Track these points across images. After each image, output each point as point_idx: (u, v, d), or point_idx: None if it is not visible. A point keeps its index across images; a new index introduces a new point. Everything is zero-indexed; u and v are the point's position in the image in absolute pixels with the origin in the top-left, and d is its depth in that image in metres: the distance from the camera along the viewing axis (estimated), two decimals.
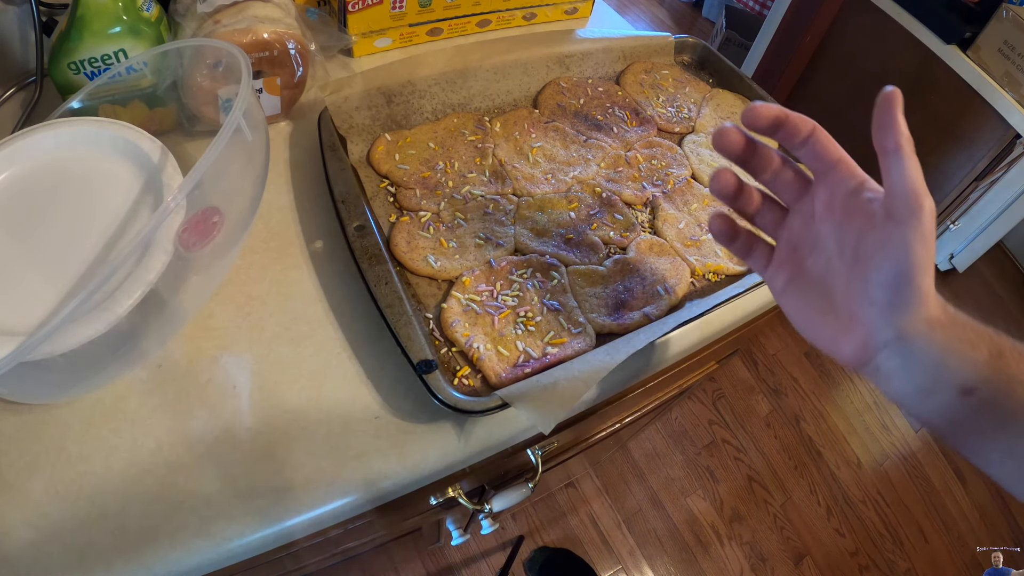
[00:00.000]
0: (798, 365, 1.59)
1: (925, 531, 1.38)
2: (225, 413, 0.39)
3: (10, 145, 0.39)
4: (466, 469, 0.42)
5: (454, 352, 0.43)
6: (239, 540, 0.35)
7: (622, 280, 0.48)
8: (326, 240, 0.48)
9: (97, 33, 0.44)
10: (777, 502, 1.37)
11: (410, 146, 0.53)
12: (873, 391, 1.58)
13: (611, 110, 0.61)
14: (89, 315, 0.32)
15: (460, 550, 1.19)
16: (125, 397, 0.39)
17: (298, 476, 0.37)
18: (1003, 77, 1.11)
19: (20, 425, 0.37)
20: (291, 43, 0.49)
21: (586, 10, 0.73)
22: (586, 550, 1.25)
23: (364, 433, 0.40)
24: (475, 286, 0.45)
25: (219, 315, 0.43)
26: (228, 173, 0.37)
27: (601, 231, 0.51)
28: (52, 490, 0.35)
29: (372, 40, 0.62)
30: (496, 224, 0.50)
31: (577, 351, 0.43)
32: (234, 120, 0.33)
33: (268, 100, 0.52)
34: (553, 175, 0.54)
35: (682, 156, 0.59)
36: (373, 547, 0.65)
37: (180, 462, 0.37)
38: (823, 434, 1.49)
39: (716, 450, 1.42)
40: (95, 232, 0.37)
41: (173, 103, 0.49)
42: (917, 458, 1.49)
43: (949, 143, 1.28)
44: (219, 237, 0.37)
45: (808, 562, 1.30)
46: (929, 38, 1.20)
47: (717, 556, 1.28)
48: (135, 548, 0.34)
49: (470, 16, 0.66)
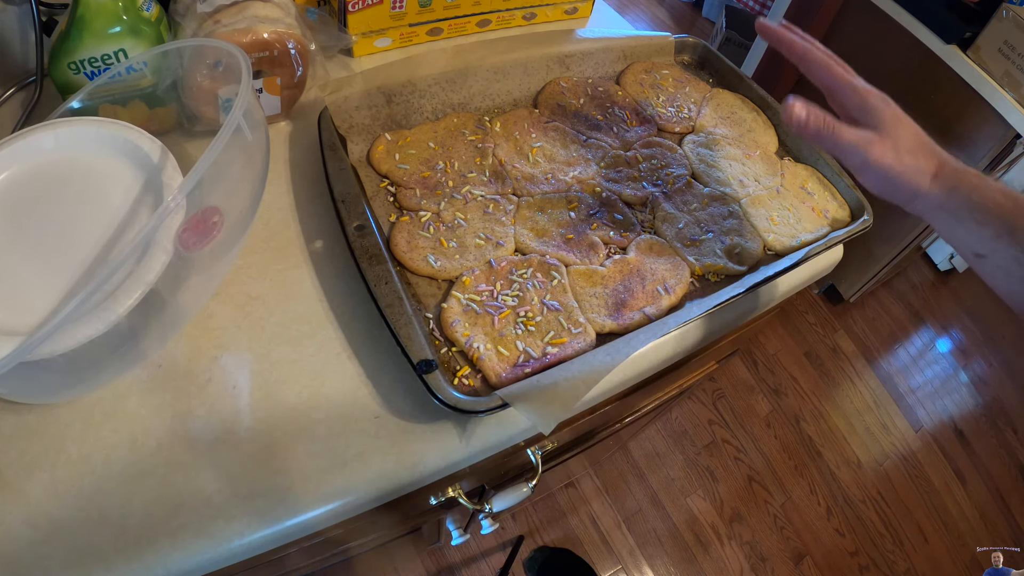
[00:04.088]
0: (798, 365, 1.59)
1: (925, 531, 1.38)
2: (225, 413, 0.39)
3: (10, 145, 0.39)
4: (466, 469, 0.42)
5: (454, 352, 0.43)
6: (239, 540, 0.35)
7: (622, 280, 0.48)
8: (326, 240, 0.48)
9: (97, 33, 0.44)
10: (777, 502, 1.37)
11: (410, 146, 0.53)
12: (873, 391, 1.58)
13: (611, 110, 0.61)
14: (89, 315, 0.32)
15: (460, 550, 1.19)
16: (125, 397, 0.39)
17: (298, 476, 0.37)
18: (1003, 77, 1.11)
19: (20, 425, 0.37)
20: (291, 43, 0.49)
21: (586, 10, 0.73)
22: (586, 550, 1.25)
23: (364, 433, 0.40)
24: (475, 286, 0.45)
25: (219, 315, 0.43)
26: (228, 173, 0.37)
27: (601, 231, 0.51)
28: (52, 490, 0.35)
29: (372, 40, 0.62)
30: (496, 224, 0.50)
31: (577, 351, 0.43)
32: (234, 120, 0.33)
33: (268, 100, 0.52)
34: (553, 175, 0.54)
35: (682, 156, 0.59)
36: (373, 547, 0.65)
37: (180, 462, 0.37)
38: (823, 434, 1.49)
39: (716, 450, 1.42)
40: (95, 232, 0.37)
41: (173, 103, 0.49)
42: (917, 458, 1.49)
43: (949, 143, 1.28)
44: (219, 237, 0.37)
45: (808, 562, 1.30)
46: (929, 38, 1.20)
47: (717, 556, 1.28)
48: (135, 548, 0.34)
49: (470, 16, 0.66)
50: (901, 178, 0.40)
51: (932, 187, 0.40)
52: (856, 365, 1.62)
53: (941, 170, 0.40)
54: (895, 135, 0.40)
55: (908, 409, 1.57)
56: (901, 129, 0.40)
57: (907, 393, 1.59)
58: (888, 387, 1.60)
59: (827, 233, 0.55)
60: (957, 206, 0.39)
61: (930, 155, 0.40)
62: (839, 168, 0.59)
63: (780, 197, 0.57)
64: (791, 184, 0.59)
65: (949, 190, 0.39)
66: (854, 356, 1.63)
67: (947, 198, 0.39)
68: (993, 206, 0.38)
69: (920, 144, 0.40)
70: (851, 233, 0.54)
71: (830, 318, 1.69)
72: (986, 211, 0.38)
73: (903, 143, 0.40)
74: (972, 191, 0.39)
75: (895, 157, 0.39)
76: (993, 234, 0.38)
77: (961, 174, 0.40)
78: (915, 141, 0.40)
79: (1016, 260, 0.38)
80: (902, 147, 0.39)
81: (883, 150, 0.39)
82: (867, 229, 0.55)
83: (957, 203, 0.39)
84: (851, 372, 1.61)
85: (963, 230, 0.40)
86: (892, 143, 0.39)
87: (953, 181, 0.39)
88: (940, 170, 0.40)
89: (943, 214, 0.40)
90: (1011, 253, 0.38)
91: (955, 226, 0.40)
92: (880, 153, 0.39)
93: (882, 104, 0.40)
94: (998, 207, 0.38)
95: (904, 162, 0.39)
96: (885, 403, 1.57)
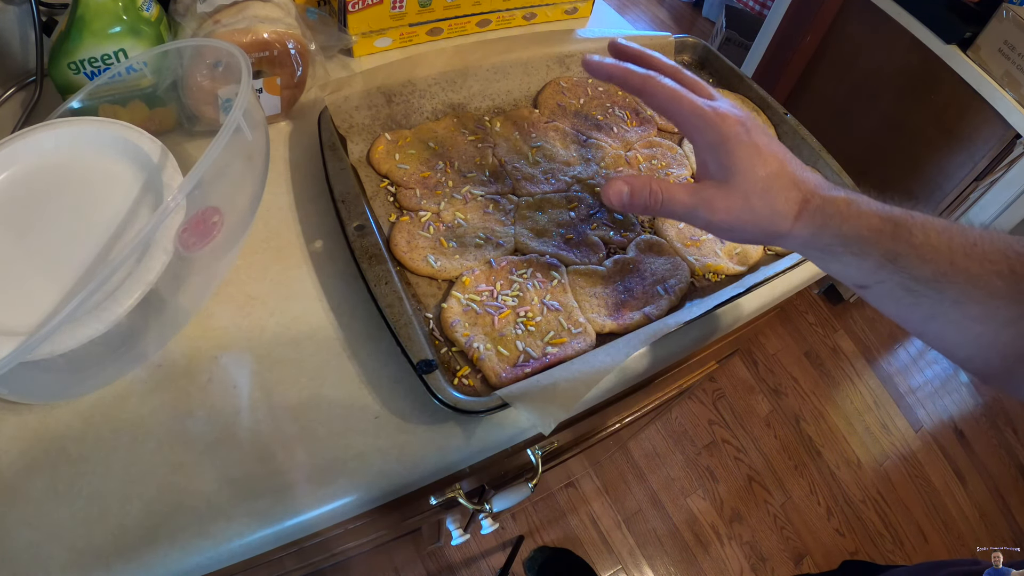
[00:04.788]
0: (798, 365, 1.59)
1: (925, 531, 1.38)
2: (225, 413, 0.39)
3: (10, 145, 0.39)
4: (466, 469, 0.42)
5: (454, 352, 0.43)
6: (239, 540, 0.35)
7: (622, 280, 0.48)
8: (326, 240, 0.48)
9: (97, 33, 0.44)
10: (777, 502, 1.37)
11: (410, 146, 0.53)
12: (873, 391, 1.58)
13: (611, 110, 0.61)
14: (89, 315, 0.32)
15: (460, 550, 1.19)
16: (125, 397, 0.39)
17: (298, 476, 0.37)
18: (1003, 77, 1.11)
19: (20, 425, 0.37)
20: (291, 43, 0.49)
21: (586, 10, 0.73)
22: (586, 550, 1.25)
23: (364, 433, 0.40)
24: (475, 286, 0.45)
25: (219, 315, 0.43)
26: (228, 173, 0.37)
27: (601, 231, 0.51)
28: (52, 490, 0.35)
29: (372, 40, 0.62)
30: (496, 224, 0.50)
31: (577, 351, 0.43)
32: (234, 120, 0.33)
33: (268, 100, 0.52)
34: (553, 175, 0.54)
35: (682, 156, 0.59)
36: (373, 547, 0.65)
37: (180, 462, 0.37)
38: (823, 434, 1.49)
39: (716, 450, 1.42)
40: (95, 232, 0.37)
41: (173, 103, 0.49)
42: (917, 458, 1.49)
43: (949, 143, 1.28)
44: (219, 237, 0.37)
45: (808, 562, 1.30)
46: (929, 38, 1.20)
47: (717, 556, 1.28)
48: (135, 548, 0.34)
49: (470, 16, 0.66)
50: (753, 228, 0.36)
51: (795, 228, 0.35)
52: (856, 365, 1.62)
53: (805, 207, 0.35)
54: (747, 175, 0.35)
55: (908, 409, 1.57)
56: (756, 164, 0.35)
57: (907, 393, 1.59)
58: (888, 387, 1.60)
59: None
60: (828, 243, 0.35)
61: (790, 189, 0.35)
62: (839, 168, 0.59)
63: None
64: None
65: (816, 228, 0.35)
66: (854, 356, 1.63)
67: (814, 236, 0.35)
68: (870, 234, 0.34)
69: (777, 180, 0.35)
70: None
71: (830, 318, 1.69)
72: (863, 241, 0.34)
73: (755, 185, 0.35)
74: (843, 223, 0.34)
75: (743, 207, 0.35)
76: (875, 265, 0.34)
77: (830, 204, 0.35)
78: (770, 179, 0.35)
79: (902, 286, 0.34)
80: (753, 191, 0.35)
81: (728, 204, 0.35)
82: None
83: (827, 240, 0.35)
84: (851, 372, 1.61)
85: (839, 264, 0.36)
86: (741, 191, 0.35)
87: (820, 217, 0.35)
88: (804, 207, 0.35)
89: (813, 251, 0.36)
90: (896, 280, 0.34)
91: (830, 261, 0.36)
92: (724, 209, 0.35)
93: (739, 131, 0.35)
94: (876, 234, 0.34)
95: (754, 210, 0.35)
96: (885, 403, 1.56)
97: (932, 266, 0.32)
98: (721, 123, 0.35)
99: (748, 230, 0.36)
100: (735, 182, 0.35)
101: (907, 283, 0.33)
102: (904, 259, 0.33)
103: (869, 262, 0.34)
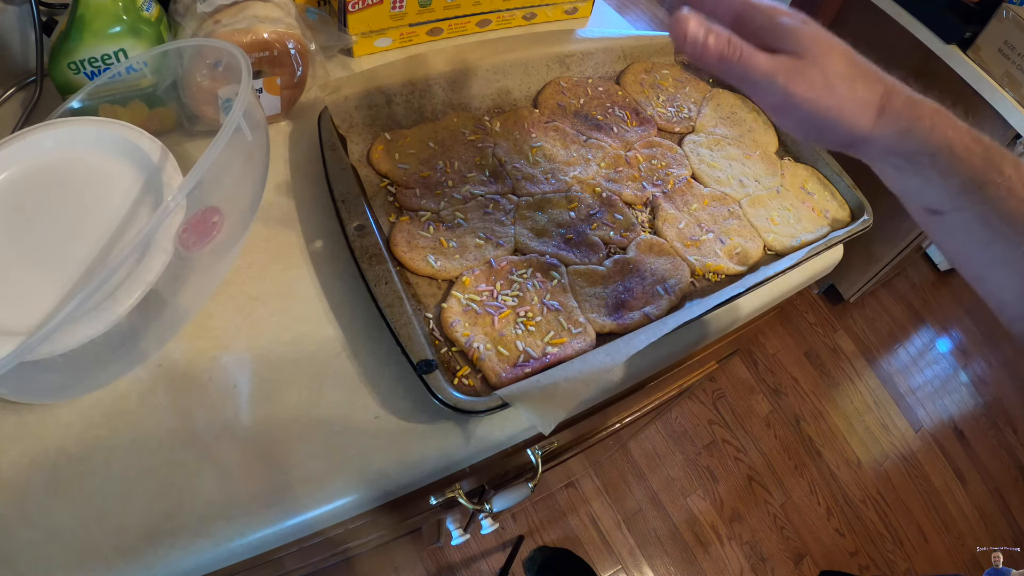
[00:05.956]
0: (798, 365, 1.59)
1: (925, 531, 1.38)
2: (225, 413, 0.39)
3: (10, 145, 0.39)
4: (466, 469, 0.42)
5: (454, 352, 0.43)
6: (239, 540, 0.35)
7: (622, 280, 0.48)
8: (326, 240, 0.48)
9: (97, 33, 0.44)
10: (777, 502, 1.37)
11: (410, 146, 0.53)
12: (873, 391, 1.58)
13: (611, 110, 0.61)
14: (89, 315, 0.32)
15: (460, 550, 1.19)
16: (125, 397, 0.39)
17: (298, 476, 0.37)
18: (1003, 77, 1.11)
19: (20, 425, 0.37)
20: (291, 43, 0.49)
21: (586, 10, 0.73)
22: (586, 550, 1.25)
23: (364, 433, 0.40)
24: (475, 286, 0.45)
25: (219, 315, 0.43)
26: (228, 173, 0.37)
27: (601, 231, 0.51)
28: (52, 490, 0.35)
29: (372, 40, 0.62)
30: (496, 224, 0.50)
31: (577, 351, 0.43)
32: (234, 120, 0.33)
33: (268, 100, 0.52)
34: (553, 175, 0.54)
35: (682, 156, 0.59)
36: (373, 547, 0.65)
37: (180, 462, 0.37)
38: (823, 434, 1.49)
39: (716, 450, 1.42)
40: (95, 232, 0.37)
41: (173, 103, 0.49)
42: (917, 458, 1.49)
43: None
44: (219, 237, 0.37)
45: (808, 562, 1.30)
46: (929, 38, 1.20)
47: (717, 556, 1.28)
48: (135, 548, 0.34)
49: (470, 16, 0.66)
50: (835, 116, 0.31)
51: (879, 126, 0.31)
52: (856, 365, 1.62)
53: (889, 102, 0.31)
54: (828, 56, 0.31)
55: (908, 409, 1.57)
56: (829, 51, 0.31)
57: (907, 393, 1.59)
58: (888, 387, 1.60)
59: (827, 233, 0.55)
60: (914, 151, 0.31)
61: (871, 80, 0.31)
62: (839, 168, 0.59)
63: (780, 197, 0.58)
64: (791, 184, 0.59)
65: (902, 130, 0.31)
66: (854, 356, 1.63)
67: (900, 140, 0.31)
68: (962, 151, 0.30)
69: (855, 68, 0.31)
70: (851, 233, 0.54)
71: (830, 318, 1.69)
72: (953, 158, 0.30)
73: (835, 66, 0.31)
74: (932, 131, 0.30)
75: (824, 83, 0.30)
76: (959, 187, 0.30)
77: (917, 106, 0.31)
78: (851, 66, 0.31)
79: (981, 219, 0.30)
80: (833, 72, 0.31)
81: (809, 77, 0.30)
82: (867, 229, 0.55)
83: (914, 146, 0.31)
84: (851, 372, 1.61)
85: (919, 181, 0.31)
86: (820, 68, 0.30)
87: (907, 119, 0.31)
88: (888, 102, 0.31)
89: (896, 160, 0.32)
90: (977, 211, 0.30)
91: (909, 176, 0.32)
92: (806, 81, 0.30)
93: (799, 23, 0.31)
94: (967, 153, 0.30)
95: (835, 89, 0.30)
96: (885, 403, 1.56)
97: (1021, 204, 0.29)
98: (776, 11, 0.32)
99: (826, 117, 0.31)
100: (814, 59, 0.31)
101: (988, 216, 0.30)
102: (992, 188, 0.29)
103: (954, 183, 0.30)
